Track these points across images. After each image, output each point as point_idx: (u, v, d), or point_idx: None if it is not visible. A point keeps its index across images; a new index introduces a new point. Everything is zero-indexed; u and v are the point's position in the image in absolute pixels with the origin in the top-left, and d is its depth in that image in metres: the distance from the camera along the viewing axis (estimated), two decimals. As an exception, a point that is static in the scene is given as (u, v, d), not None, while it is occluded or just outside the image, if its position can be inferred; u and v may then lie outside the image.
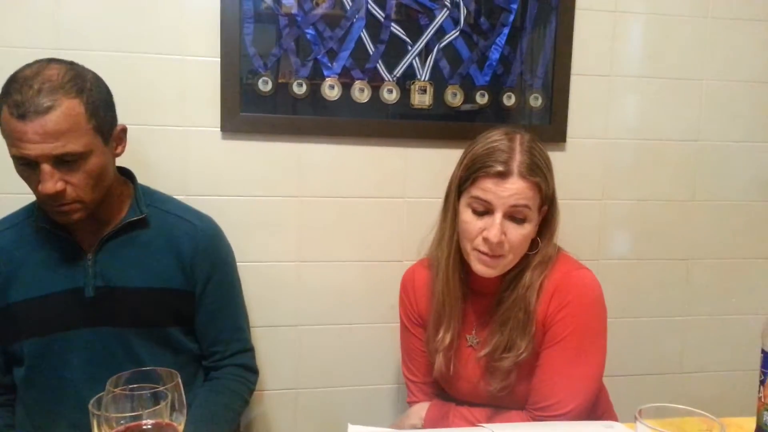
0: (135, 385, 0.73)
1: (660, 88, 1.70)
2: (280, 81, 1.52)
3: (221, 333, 1.34)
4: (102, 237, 1.22)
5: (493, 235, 1.10)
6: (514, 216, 1.12)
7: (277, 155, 1.55)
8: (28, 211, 1.27)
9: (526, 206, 1.12)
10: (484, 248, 1.13)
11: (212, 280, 1.31)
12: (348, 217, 1.60)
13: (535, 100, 1.64)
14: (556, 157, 1.62)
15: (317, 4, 1.51)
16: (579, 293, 1.16)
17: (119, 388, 0.70)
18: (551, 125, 1.65)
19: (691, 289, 1.80)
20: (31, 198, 1.20)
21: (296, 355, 1.63)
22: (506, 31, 1.60)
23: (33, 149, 1.06)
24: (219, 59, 1.48)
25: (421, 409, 1.28)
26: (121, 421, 0.71)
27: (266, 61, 1.51)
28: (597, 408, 1.26)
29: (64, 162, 1.09)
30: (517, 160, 1.11)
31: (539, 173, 1.13)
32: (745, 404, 1.06)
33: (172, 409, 0.71)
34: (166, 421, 0.70)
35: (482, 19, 1.59)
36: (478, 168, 1.13)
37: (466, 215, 1.15)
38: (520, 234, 1.13)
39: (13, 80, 1.08)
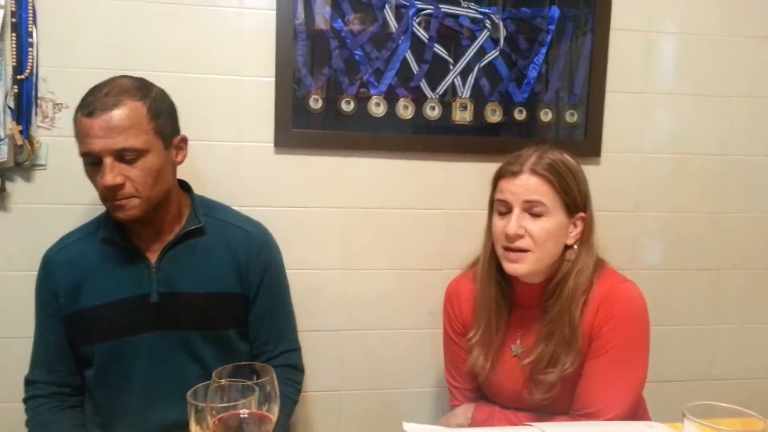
0: (230, 379, 0.81)
1: (692, 105, 1.77)
2: (329, 99, 1.61)
3: (271, 333, 1.41)
4: (164, 246, 1.30)
5: (509, 228, 1.19)
6: (531, 212, 1.20)
7: (326, 169, 1.64)
8: (95, 223, 1.35)
9: (539, 201, 1.19)
10: (506, 243, 1.21)
11: (264, 283, 1.38)
12: (391, 227, 1.68)
13: (571, 116, 1.71)
14: (591, 171, 1.68)
15: (365, 27, 1.60)
16: (624, 306, 1.21)
17: (223, 380, 0.78)
18: (587, 140, 1.72)
19: (721, 298, 1.86)
20: (95, 211, 1.30)
21: (340, 359, 1.71)
22: (544, 50, 1.68)
23: (97, 143, 1.16)
24: (273, 79, 1.57)
25: (467, 410, 1.35)
26: (213, 411, 0.79)
27: (317, 80, 1.60)
28: (635, 415, 1.31)
29: (124, 159, 1.18)
30: (530, 160, 1.21)
31: (553, 172, 1.20)
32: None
33: (267, 400, 0.79)
34: (260, 411, 0.78)
35: (520, 40, 1.67)
36: (499, 175, 1.26)
37: (494, 219, 1.26)
38: (539, 228, 1.19)
39: (89, 90, 1.22)
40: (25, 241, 1.52)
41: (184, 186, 1.40)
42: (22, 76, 1.46)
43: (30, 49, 1.47)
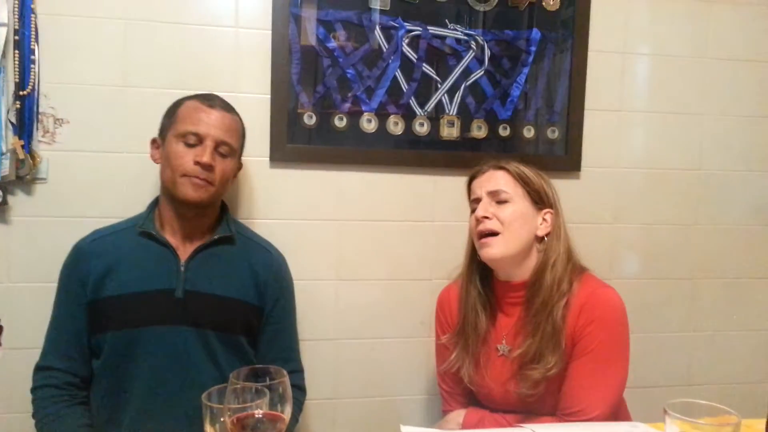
0: (245, 382, 0.86)
1: (665, 122, 1.87)
2: (322, 115, 1.68)
3: (280, 352, 1.49)
4: (195, 247, 1.40)
5: (478, 212, 1.33)
6: (497, 200, 1.33)
7: (320, 183, 1.70)
8: (133, 221, 1.45)
9: (502, 190, 1.33)
10: (478, 228, 1.32)
11: (279, 302, 1.48)
12: (383, 239, 1.74)
13: (552, 133, 1.80)
14: (571, 185, 1.80)
15: (356, 47, 1.67)
16: (605, 310, 1.28)
17: (239, 382, 0.83)
18: (567, 156, 1.80)
19: (695, 306, 1.94)
20: (95, 223, 1.39)
21: (334, 367, 1.75)
22: (526, 70, 1.76)
23: (209, 128, 1.37)
24: (269, 96, 1.63)
25: (458, 416, 1.40)
26: (228, 412, 0.83)
27: (311, 97, 1.67)
28: (617, 416, 1.37)
29: (218, 151, 1.38)
30: (494, 161, 1.38)
31: (513, 166, 1.36)
32: (749, 412, 1.11)
33: (281, 400, 0.84)
34: (273, 411, 0.83)
35: (504, 60, 1.75)
36: (470, 179, 1.42)
37: (470, 219, 1.38)
38: (505, 212, 1.32)
39: (201, 93, 1.44)
40: (25, 253, 1.55)
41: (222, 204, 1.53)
42: (24, 92, 1.50)
43: (32, 66, 1.51)
